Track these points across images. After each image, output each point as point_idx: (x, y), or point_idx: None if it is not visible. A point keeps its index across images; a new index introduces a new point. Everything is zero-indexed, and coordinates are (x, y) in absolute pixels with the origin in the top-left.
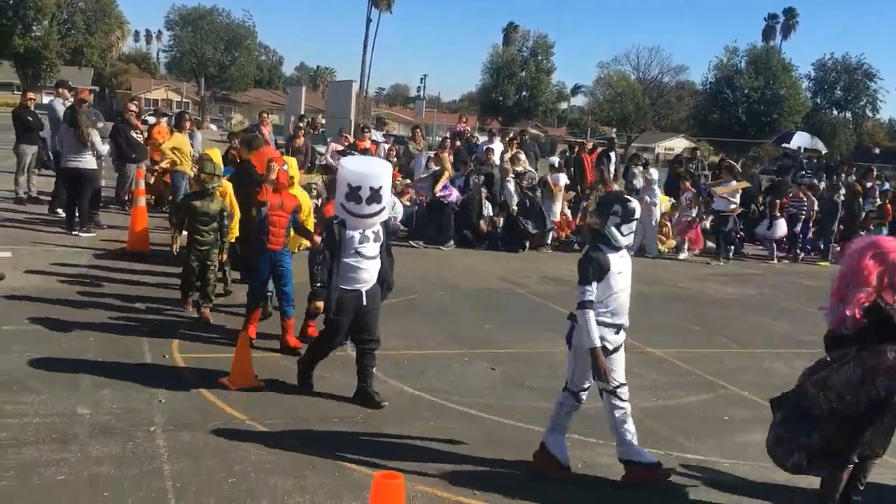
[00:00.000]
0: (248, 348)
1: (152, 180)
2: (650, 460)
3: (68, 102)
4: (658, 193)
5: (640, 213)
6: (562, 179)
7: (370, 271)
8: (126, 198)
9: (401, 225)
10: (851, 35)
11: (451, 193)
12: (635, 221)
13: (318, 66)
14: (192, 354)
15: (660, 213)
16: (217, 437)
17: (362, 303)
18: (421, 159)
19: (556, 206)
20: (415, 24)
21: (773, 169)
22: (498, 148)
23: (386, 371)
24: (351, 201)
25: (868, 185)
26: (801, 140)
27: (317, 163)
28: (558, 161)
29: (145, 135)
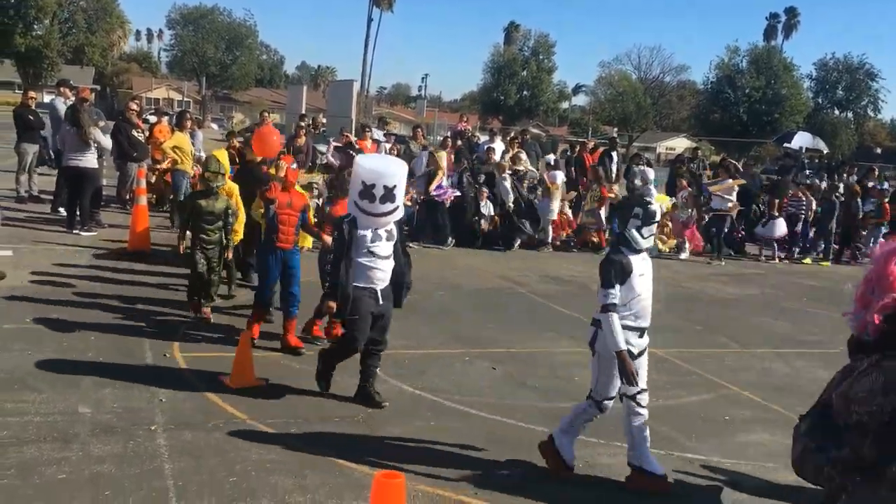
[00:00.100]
0: (249, 348)
1: (153, 179)
2: (658, 471)
3: (69, 101)
4: (654, 193)
5: None
6: (558, 177)
7: (384, 270)
8: (127, 197)
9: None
10: (853, 35)
11: (444, 192)
12: (656, 224)
13: (320, 66)
14: (193, 354)
15: (660, 213)
16: (218, 436)
17: (378, 301)
18: (422, 158)
19: (554, 205)
20: (416, 23)
21: (775, 169)
22: (499, 147)
23: (387, 370)
24: (364, 199)
25: (870, 184)
26: (802, 140)
27: (318, 162)
28: (554, 158)
29: (146, 134)
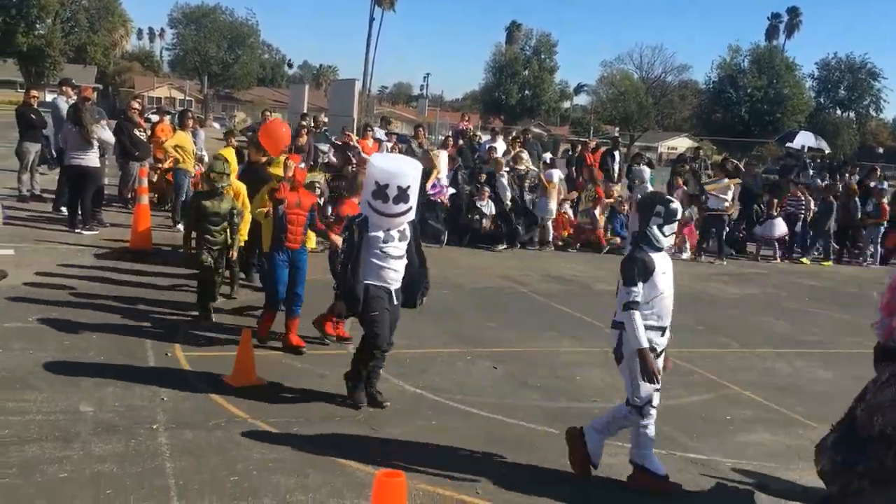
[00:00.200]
0: (251, 347)
1: (155, 178)
2: (660, 471)
3: (71, 100)
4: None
5: (632, 211)
6: (555, 175)
7: (397, 270)
8: (129, 196)
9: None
10: (855, 34)
11: (440, 191)
12: (677, 222)
13: (321, 65)
14: (194, 353)
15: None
16: (219, 435)
17: (393, 301)
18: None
19: (552, 204)
20: (418, 22)
21: (776, 169)
22: (501, 147)
23: (388, 370)
24: (378, 199)
25: (871, 184)
26: (804, 140)
27: (319, 161)
28: (550, 157)
29: (148, 133)
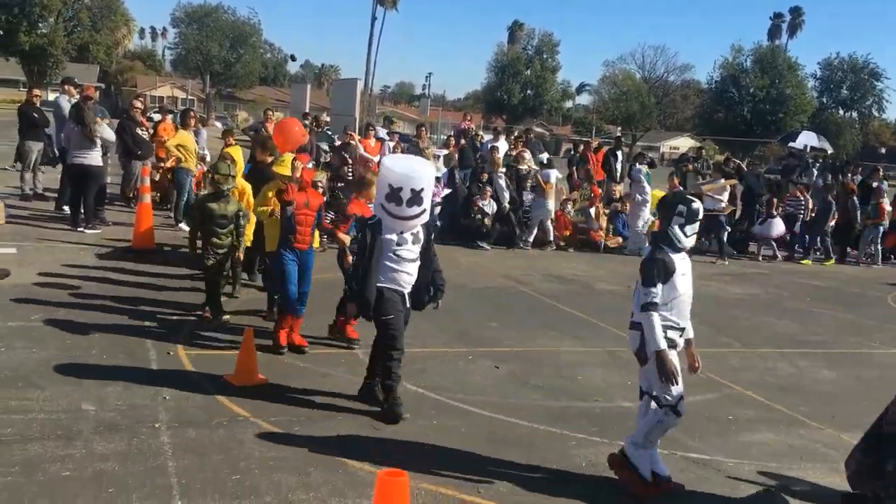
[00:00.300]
0: (252, 346)
1: (157, 177)
2: (645, 475)
3: (74, 99)
4: (648, 191)
5: (630, 210)
6: (552, 176)
7: (410, 273)
8: (131, 195)
9: None
10: (858, 34)
11: (436, 190)
12: (699, 223)
13: (323, 64)
14: (196, 352)
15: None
16: (222, 434)
17: (406, 304)
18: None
19: (550, 204)
20: (420, 22)
21: (779, 169)
22: (503, 146)
23: None
24: (391, 202)
25: (874, 184)
26: (806, 139)
27: (321, 160)
28: (546, 157)
29: (151, 132)
